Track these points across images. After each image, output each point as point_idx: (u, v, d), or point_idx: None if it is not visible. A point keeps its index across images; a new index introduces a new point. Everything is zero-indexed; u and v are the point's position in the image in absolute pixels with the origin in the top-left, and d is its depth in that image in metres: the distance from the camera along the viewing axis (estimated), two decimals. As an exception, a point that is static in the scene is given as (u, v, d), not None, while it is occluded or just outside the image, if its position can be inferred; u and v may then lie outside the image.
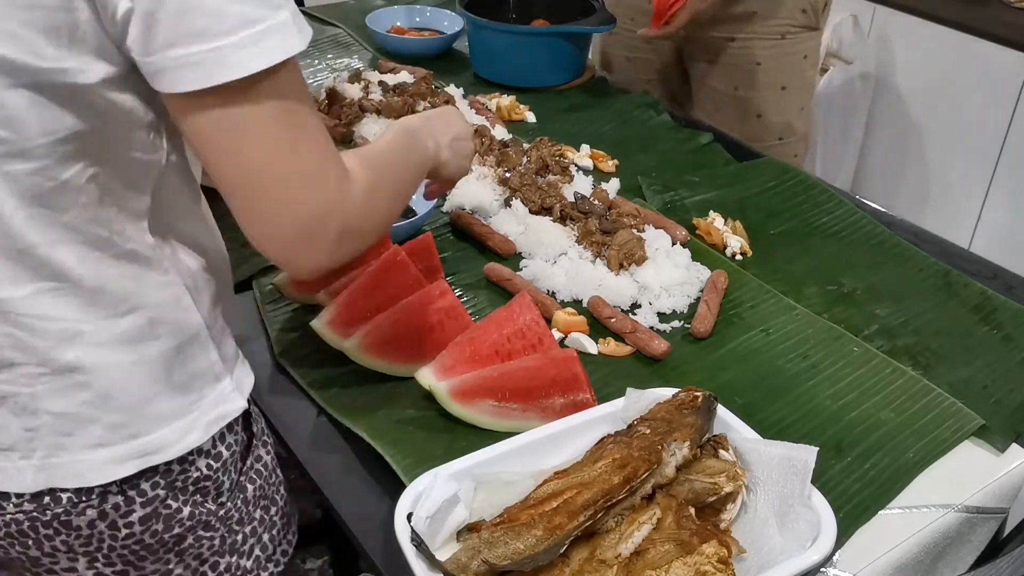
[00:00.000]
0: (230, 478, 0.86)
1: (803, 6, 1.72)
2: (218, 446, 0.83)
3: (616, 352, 1.11)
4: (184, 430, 0.80)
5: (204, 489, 0.83)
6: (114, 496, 0.78)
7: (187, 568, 0.86)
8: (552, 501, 0.82)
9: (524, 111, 1.70)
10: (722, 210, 1.39)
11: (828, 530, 0.82)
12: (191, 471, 0.82)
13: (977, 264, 1.32)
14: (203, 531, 0.85)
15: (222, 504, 0.86)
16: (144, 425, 0.77)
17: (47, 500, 0.76)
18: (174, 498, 0.81)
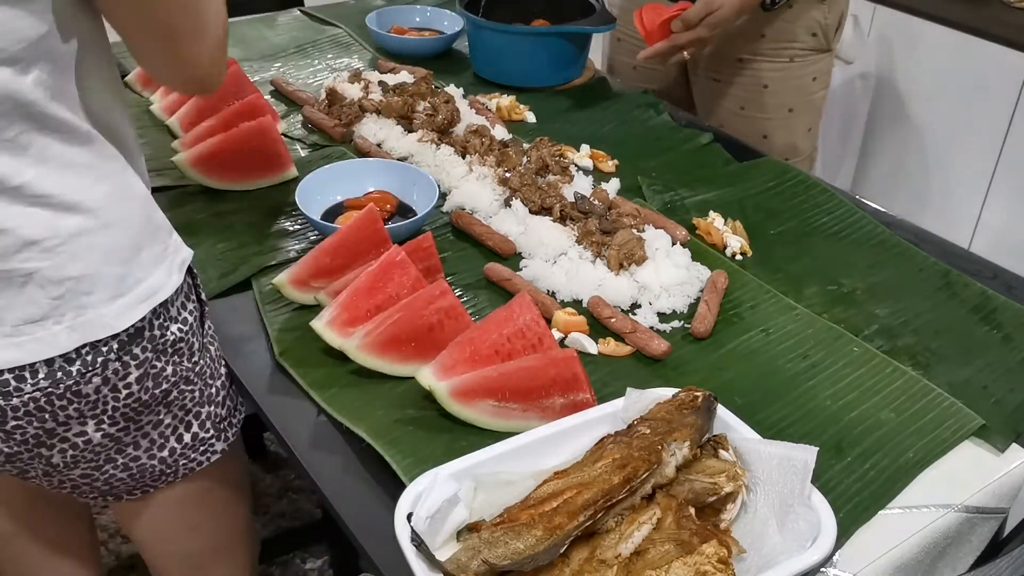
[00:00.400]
0: (197, 339, 1.00)
1: (813, 29, 1.68)
2: (183, 312, 0.97)
3: (616, 352, 1.11)
4: (167, 271, 0.94)
5: (179, 350, 0.97)
6: (113, 363, 0.90)
7: (175, 418, 1.00)
8: (552, 501, 0.82)
9: (524, 111, 1.70)
10: (722, 210, 1.39)
11: (828, 530, 0.82)
12: (167, 335, 0.95)
13: (977, 264, 1.33)
14: (184, 385, 0.99)
15: (195, 362, 1.00)
16: (141, 272, 0.91)
17: (59, 375, 0.87)
18: (158, 359, 0.94)
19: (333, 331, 1.07)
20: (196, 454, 1.05)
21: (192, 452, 1.05)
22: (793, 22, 1.68)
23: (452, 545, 0.82)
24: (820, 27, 1.69)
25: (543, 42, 1.76)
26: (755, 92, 1.74)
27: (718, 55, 1.75)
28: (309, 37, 1.99)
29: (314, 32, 2.02)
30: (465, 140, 1.50)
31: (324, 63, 1.88)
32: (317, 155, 1.53)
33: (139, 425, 0.97)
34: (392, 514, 0.82)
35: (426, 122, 1.55)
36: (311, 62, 1.88)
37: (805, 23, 1.68)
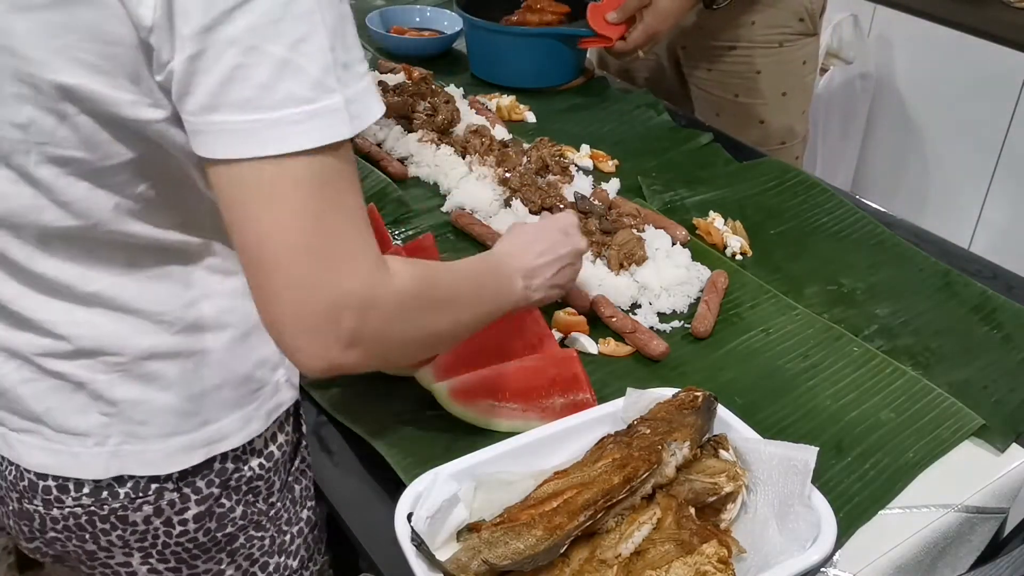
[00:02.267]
0: (280, 478, 0.87)
1: (800, 14, 1.72)
2: (270, 446, 0.85)
3: (616, 352, 1.11)
4: (246, 419, 0.81)
5: (256, 489, 0.84)
6: (170, 493, 0.79)
7: (238, 568, 0.87)
8: (552, 501, 0.82)
9: (524, 111, 1.70)
10: (722, 210, 1.39)
11: (828, 530, 0.82)
12: (244, 470, 0.83)
13: (977, 264, 1.32)
14: (254, 531, 0.86)
15: (272, 504, 0.87)
16: (211, 413, 0.79)
17: (105, 495, 0.77)
18: (227, 497, 0.82)
19: (333, 331, 1.07)
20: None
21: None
22: (781, 8, 1.70)
23: (452, 545, 0.82)
24: (807, 11, 1.73)
25: (539, 43, 1.76)
26: (748, 78, 1.75)
27: (710, 44, 1.76)
28: (309, 37, 1.99)
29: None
30: (465, 140, 1.50)
31: (324, 63, 1.88)
32: (317, 155, 1.52)
33: (194, 570, 0.84)
34: (392, 514, 0.82)
35: (426, 122, 1.54)
36: (311, 62, 1.88)
37: (792, 8, 1.71)
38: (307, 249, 0.64)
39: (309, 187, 0.64)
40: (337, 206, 0.65)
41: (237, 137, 0.62)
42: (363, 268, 0.67)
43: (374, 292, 0.67)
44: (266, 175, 0.63)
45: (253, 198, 0.64)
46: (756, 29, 1.71)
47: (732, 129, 1.72)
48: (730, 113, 1.78)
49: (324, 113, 0.63)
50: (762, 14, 1.70)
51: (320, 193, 0.64)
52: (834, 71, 2.64)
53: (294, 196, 0.63)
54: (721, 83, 1.78)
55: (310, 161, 0.63)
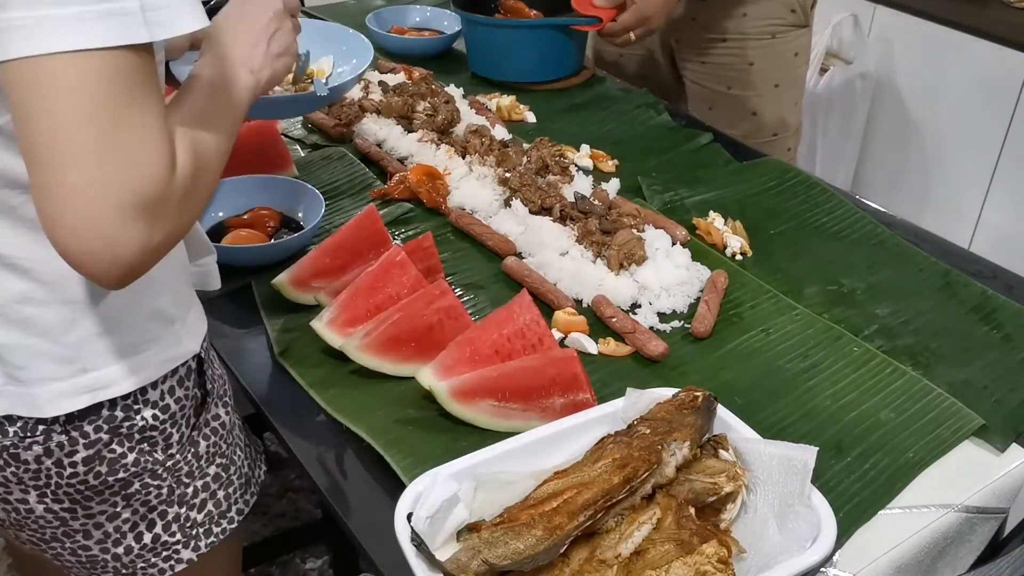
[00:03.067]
0: (180, 431, 0.89)
1: (792, 6, 1.73)
2: (166, 398, 0.87)
3: (616, 352, 1.11)
4: (133, 367, 0.83)
5: (151, 439, 0.86)
6: (58, 435, 0.82)
7: (135, 513, 0.90)
8: (552, 501, 0.82)
9: (524, 111, 1.70)
10: (722, 210, 1.39)
11: (828, 530, 0.82)
12: (136, 419, 0.85)
13: (977, 264, 1.32)
14: (150, 479, 0.88)
15: (171, 455, 0.89)
16: (93, 360, 0.81)
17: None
18: (119, 443, 0.84)
19: (333, 331, 1.07)
20: (157, 559, 0.93)
21: (151, 555, 0.93)
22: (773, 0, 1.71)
23: (452, 545, 0.82)
24: (798, 3, 1.74)
25: (537, 36, 1.76)
26: (741, 71, 1.76)
27: (703, 37, 1.77)
28: (309, 37, 1.99)
29: (314, 32, 2.02)
30: (465, 140, 1.50)
31: (324, 63, 1.88)
32: (317, 155, 1.53)
33: (89, 511, 0.87)
34: (392, 514, 0.82)
35: (426, 122, 1.55)
36: (311, 62, 1.88)
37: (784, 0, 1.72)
38: (101, 147, 0.63)
39: (101, 85, 0.63)
40: (131, 106, 0.65)
41: (26, 33, 0.61)
42: (157, 168, 0.66)
43: (167, 189, 0.67)
44: (59, 72, 0.62)
45: (45, 95, 0.63)
46: (748, 21, 1.72)
47: (725, 121, 1.72)
48: (723, 105, 1.79)
49: (116, 14, 0.63)
50: (754, 6, 1.71)
51: (113, 92, 0.64)
52: (834, 71, 2.64)
53: (85, 93, 0.63)
54: (714, 75, 1.79)
55: (104, 60, 0.63)
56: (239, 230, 1.29)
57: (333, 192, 1.42)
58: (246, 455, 1.01)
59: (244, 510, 1.00)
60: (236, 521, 0.99)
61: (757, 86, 1.77)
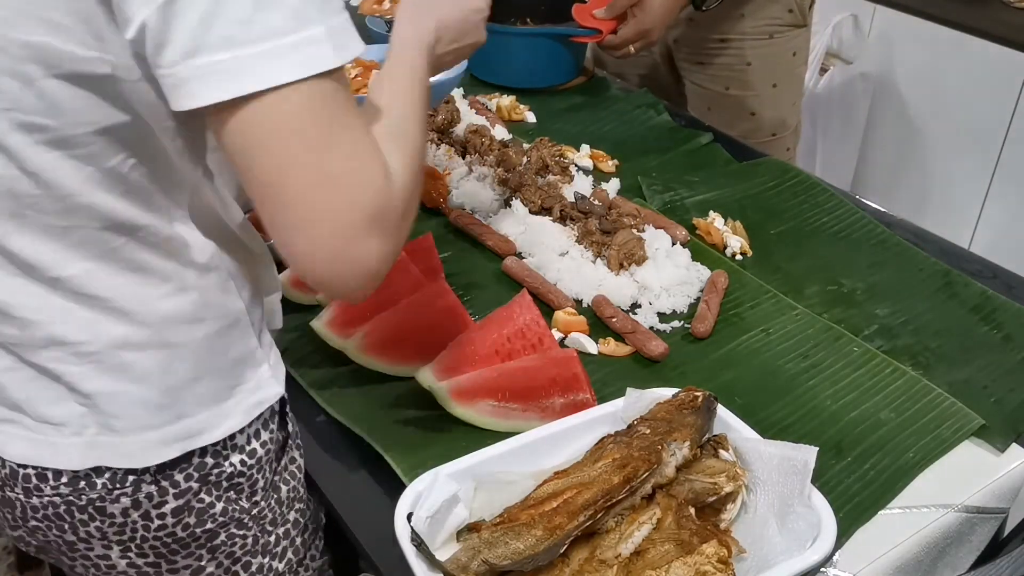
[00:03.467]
0: (264, 476, 0.86)
1: (789, 6, 1.73)
2: (252, 443, 0.84)
3: (616, 352, 1.11)
4: (224, 414, 0.80)
5: (238, 486, 0.83)
6: (147, 485, 0.78)
7: (219, 566, 0.86)
8: (552, 501, 0.82)
9: (524, 111, 1.70)
10: (722, 210, 1.39)
11: (828, 530, 0.82)
12: (224, 466, 0.82)
13: (977, 264, 1.32)
14: (236, 528, 0.85)
15: (256, 503, 0.86)
16: (187, 407, 0.78)
17: (83, 484, 0.77)
18: (207, 492, 0.81)
19: (333, 331, 1.07)
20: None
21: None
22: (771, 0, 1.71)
23: (452, 545, 0.82)
24: (795, 3, 1.73)
25: (536, 43, 1.76)
26: (739, 71, 1.76)
27: (701, 37, 1.77)
28: (309, 37, 1.99)
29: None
30: (465, 140, 1.50)
31: (324, 63, 1.88)
32: (317, 155, 1.52)
33: (173, 566, 0.84)
34: (392, 514, 0.82)
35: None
36: (311, 62, 1.88)
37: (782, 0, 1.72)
38: (321, 177, 0.64)
39: (309, 115, 0.64)
40: (340, 128, 0.65)
41: (224, 77, 0.61)
42: (377, 181, 0.67)
43: (390, 200, 0.68)
44: (263, 110, 0.63)
45: (256, 136, 0.63)
46: (746, 21, 1.72)
47: (724, 122, 1.72)
48: (721, 106, 1.79)
49: (307, 43, 0.63)
50: (752, 6, 1.71)
51: (320, 120, 0.64)
52: (834, 71, 2.64)
53: (296, 127, 0.64)
54: (712, 76, 1.79)
55: (303, 91, 0.63)
56: None
57: (333, 192, 1.41)
58: (310, 497, 0.98)
59: (316, 556, 0.97)
60: (311, 568, 0.95)
61: (755, 86, 1.77)
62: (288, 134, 0.64)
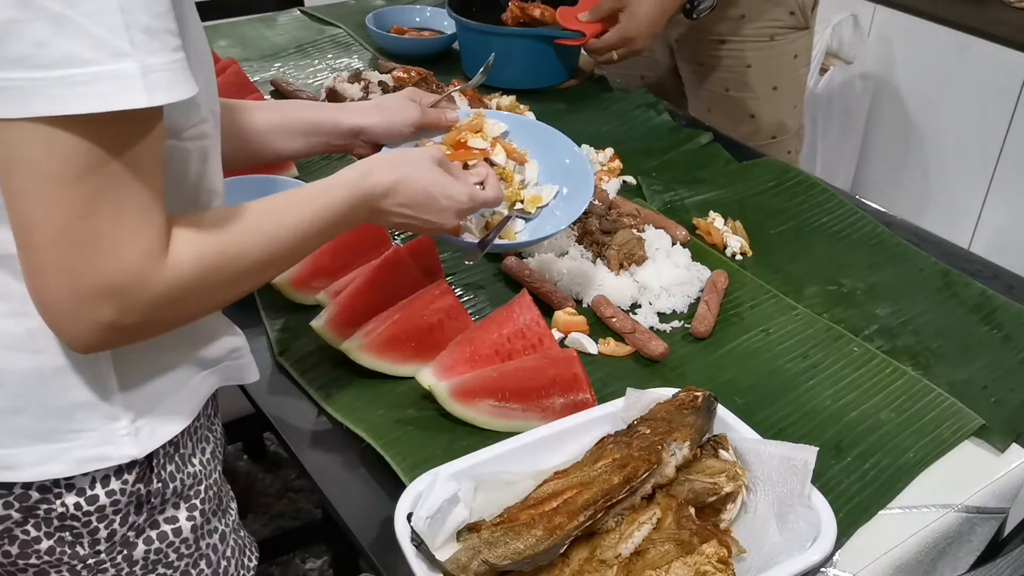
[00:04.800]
0: (109, 527, 0.78)
1: (791, 8, 1.72)
2: (95, 487, 0.76)
3: (616, 352, 1.11)
4: (47, 456, 0.73)
5: (73, 529, 0.76)
6: None
7: None
8: (552, 501, 0.82)
9: (524, 111, 1.69)
10: (722, 210, 1.39)
11: (828, 530, 0.82)
12: (55, 504, 0.75)
13: (977, 264, 1.32)
14: (68, 573, 0.78)
15: (96, 552, 0.78)
16: (4, 436, 0.72)
17: None
18: (35, 527, 0.75)
19: (333, 331, 1.07)
20: None
21: None
22: (772, 2, 1.71)
23: (452, 545, 0.82)
24: (797, 5, 1.73)
25: (528, 44, 1.75)
26: (739, 72, 1.76)
27: (701, 39, 1.76)
28: (309, 37, 1.99)
29: (314, 32, 2.02)
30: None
31: (324, 63, 1.88)
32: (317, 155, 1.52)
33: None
34: (392, 514, 0.82)
35: (426, 122, 1.54)
36: (311, 62, 1.88)
37: (783, 2, 1.71)
38: (67, 235, 0.61)
39: (83, 164, 0.60)
40: (110, 188, 0.62)
41: (7, 95, 0.58)
42: (128, 258, 0.63)
43: (140, 282, 0.64)
44: (37, 143, 0.59)
45: (22, 169, 0.60)
46: (747, 23, 1.72)
47: (724, 123, 1.72)
48: (721, 107, 1.79)
49: (112, 77, 0.58)
50: (753, 8, 1.71)
51: (95, 172, 0.61)
52: (834, 71, 2.64)
53: (64, 172, 0.60)
54: (712, 77, 1.79)
55: (90, 132, 0.59)
56: None
57: (333, 192, 1.41)
58: (214, 570, 0.87)
59: None
60: None
61: (755, 88, 1.76)
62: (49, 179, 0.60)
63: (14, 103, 0.58)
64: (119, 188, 0.62)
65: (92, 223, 0.62)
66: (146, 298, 0.65)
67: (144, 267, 0.64)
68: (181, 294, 0.68)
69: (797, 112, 1.84)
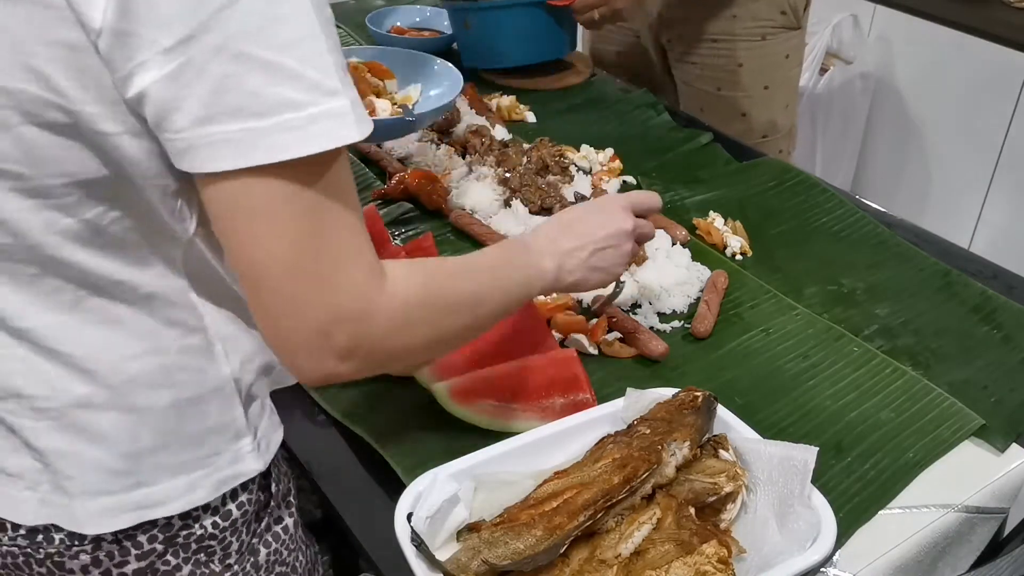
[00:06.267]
0: (239, 539, 0.81)
1: (782, 7, 1.72)
2: (228, 504, 0.79)
3: (616, 352, 1.11)
4: (190, 486, 0.75)
5: (209, 548, 0.79)
6: (108, 544, 0.74)
7: None
8: (552, 501, 0.82)
9: (524, 111, 1.70)
10: (722, 210, 1.39)
11: (828, 530, 0.82)
12: (195, 528, 0.77)
13: (977, 264, 1.32)
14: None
15: (229, 566, 0.81)
16: (147, 475, 0.73)
17: (40, 538, 0.74)
18: (174, 554, 0.77)
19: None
20: None
21: None
22: (763, 1, 1.71)
23: (452, 545, 0.82)
24: (789, 5, 1.73)
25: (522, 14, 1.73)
26: (731, 72, 1.76)
27: (693, 38, 1.77)
28: (309, 37, 1.99)
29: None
30: (465, 140, 1.50)
31: (324, 63, 1.88)
32: (317, 155, 1.52)
33: None
34: (392, 514, 0.82)
35: (426, 122, 1.55)
36: (311, 62, 1.88)
37: (774, 1, 1.72)
38: (298, 270, 0.63)
39: (303, 202, 0.61)
40: (332, 220, 0.63)
41: (229, 148, 0.59)
42: (356, 282, 0.65)
43: (369, 306, 0.66)
44: (257, 189, 0.60)
45: (243, 215, 0.61)
46: (738, 22, 1.72)
47: (715, 122, 1.72)
48: (713, 106, 1.79)
49: (327, 117, 0.60)
50: (744, 7, 1.71)
51: (314, 208, 0.62)
52: (834, 71, 2.64)
53: (286, 213, 0.61)
54: (704, 76, 1.79)
55: (304, 172, 0.61)
56: None
57: (333, 192, 1.41)
58: (307, 559, 0.92)
59: None
60: None
61: (747, 88, 1.76)
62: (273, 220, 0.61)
63: (235, 154, 0.59)
64: (337, 219, 0.64)
65: (318, 256, 0.63)
66: (376, 322, 0.67)
67: (371, 289, 0.66)
68: (409, 317, 0.70)
69: (789, 112, 1.84)
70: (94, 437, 0.72)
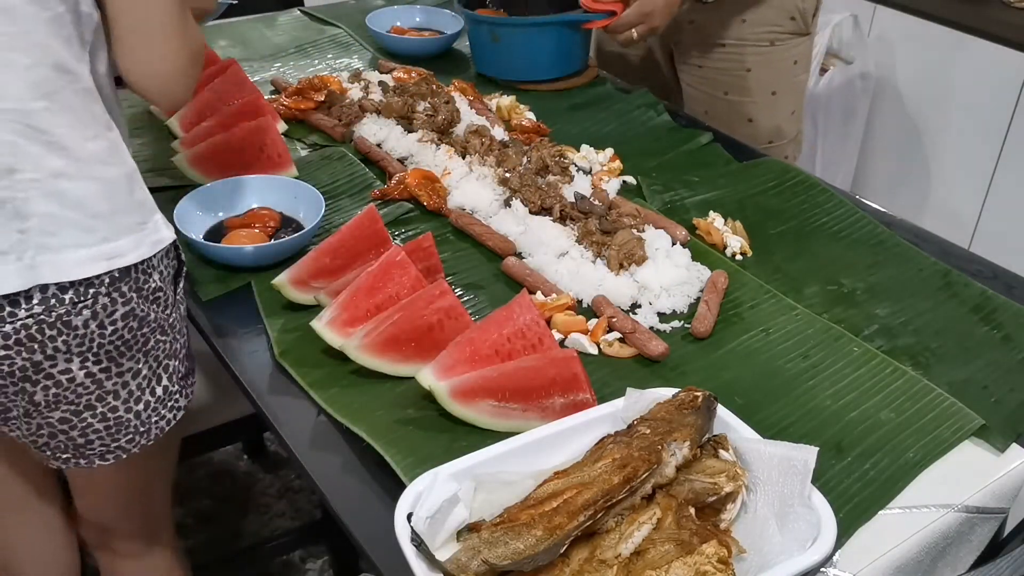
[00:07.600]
0: (172, 292, 1.04)
1: (792, 13, 1.72)
2: (163, 263, 1.01)
3: (616, 352, 1.11)
4: (137, 243, 0.97)
5: (158, 298, 1.01)
6: (103, 297, 0.94)
7: (150, 368, 1.03)
8: (552, 501, 0.82)
9: (524, 111, 1.70)
10: (722, 210, 1.39)
11: (828, 530, 0.82)
12: (149, 280, 0.99)
13: (977, 264, 1.32)
14: (160, 335, 1.03)
15: (169, 314, 1.04)
16: (111, 232, 0.94)
17: (53, 302, 0.91)
18: (143, 302, 0.98)
19: (333, 331, 1.07)
20: (164, 409, 1.06)
21: (161, 407, 1.06)
22: (772, 6, 1.70)
23: (452, 545, 0.82)
24: (798, 11, 1.72)
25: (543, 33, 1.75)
26: (738, 76, 1.76)
27: (701, 42, 1.76)
28: (309, 37, 2.00)
29: (314, 32, 2.02)
30: (465, 140, 1.50)
31: (324, 63, 1.88)
32: (317, 155, 1.53)
33: (120, 369, 0.99)
34: (392, 514, 0.82)
35: (426, 122, 1.54)
36: (311, 62, 1.88)
37: (784, 7, 1.71)
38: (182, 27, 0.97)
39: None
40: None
41: None
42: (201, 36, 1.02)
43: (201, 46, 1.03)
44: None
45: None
46: (747, 27, 1.71)
47: (721, 127, 1.72)
48: (719, 111, 1.79)
49: None
50: (753, 12, 1.70)
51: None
52: (834, 71, 2.64)
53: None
54: (711, 80, 1.79)
55: None
56: (239, 230, 1.29)
57: (333, 192, 1.42)
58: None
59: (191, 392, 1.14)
60: (195, 372, 1.15)
61: (754, 93, 1.76)
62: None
63: None
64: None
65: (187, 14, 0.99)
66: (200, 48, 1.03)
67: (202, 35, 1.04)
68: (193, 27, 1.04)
69: (795, 118, 1.84)
70: (71, 202, 0.92)
